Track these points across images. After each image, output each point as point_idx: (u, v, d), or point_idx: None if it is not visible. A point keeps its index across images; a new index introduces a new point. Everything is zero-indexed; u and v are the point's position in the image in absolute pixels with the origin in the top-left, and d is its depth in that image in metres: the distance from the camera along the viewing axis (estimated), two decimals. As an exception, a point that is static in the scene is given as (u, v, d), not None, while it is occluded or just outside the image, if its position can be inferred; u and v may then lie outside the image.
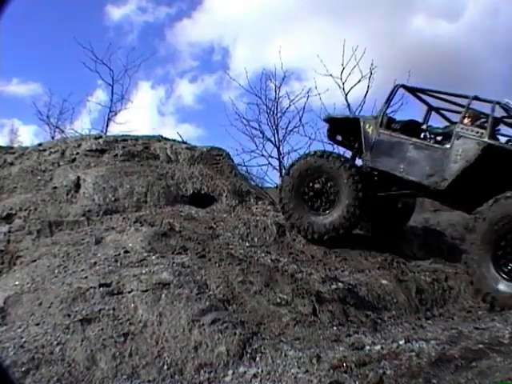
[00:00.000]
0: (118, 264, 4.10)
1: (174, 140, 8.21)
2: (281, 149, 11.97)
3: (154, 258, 4.24)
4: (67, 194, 5.99)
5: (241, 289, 3.84)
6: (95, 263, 4.14)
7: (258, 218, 5.85)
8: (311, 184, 5.50)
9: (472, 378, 2.80)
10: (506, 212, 4.17)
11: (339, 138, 6.12)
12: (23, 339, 3.02)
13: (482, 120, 4.90)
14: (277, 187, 8.07)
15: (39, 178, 6.45)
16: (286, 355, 3.08)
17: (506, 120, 5.07)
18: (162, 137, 8.19)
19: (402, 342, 3.30)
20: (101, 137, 7.79)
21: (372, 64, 11.02)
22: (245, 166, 11.49)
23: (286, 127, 11.96)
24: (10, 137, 18.90)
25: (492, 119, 4.67)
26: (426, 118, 5.71)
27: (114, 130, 13.55)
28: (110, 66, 13.78)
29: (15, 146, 10.62)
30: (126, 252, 4.36)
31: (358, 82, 11.20)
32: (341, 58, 11.20)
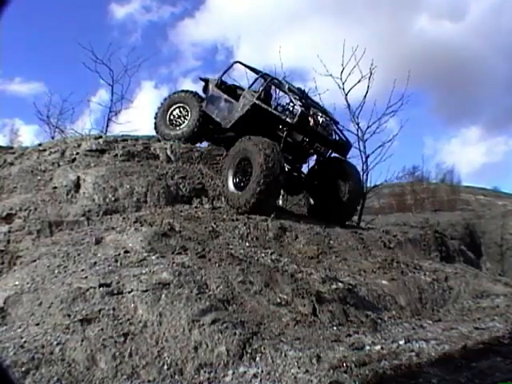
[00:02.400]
0: (118, 264, 4.09)
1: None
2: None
3: (153, 257, 4.23)
4: (67, 194, 5.99)
5: (241, 289, 3.84)
6: (95, 263, 4.14)
7: (257, 217, 5.85)
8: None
9: (472, 378, 2.81)
10: (238, 149, 6.51)
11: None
12: (23, 339, 3.02)
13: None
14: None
15: (39, 177, 6.45)
16: (285, 355, 3.08)
17: (290, 89, 7.30)
18: (162, 137, 8.20)
19: (402, 342, 3.30)
20: (101, 137, 7.79)
21: (372, 64, 11.01)
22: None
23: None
24: (10, 137, 18.93)
25: (262, 88, 7.33)
26: (253, 83, 7.96)
27: (115, 130, 13.58)
28: (111, 66, 13.83)
29: (15, 145, 10.63)
30: (126, 252, 4.36)
31: (358, 81, 11.18)
32: (341, 58, 11.20)
